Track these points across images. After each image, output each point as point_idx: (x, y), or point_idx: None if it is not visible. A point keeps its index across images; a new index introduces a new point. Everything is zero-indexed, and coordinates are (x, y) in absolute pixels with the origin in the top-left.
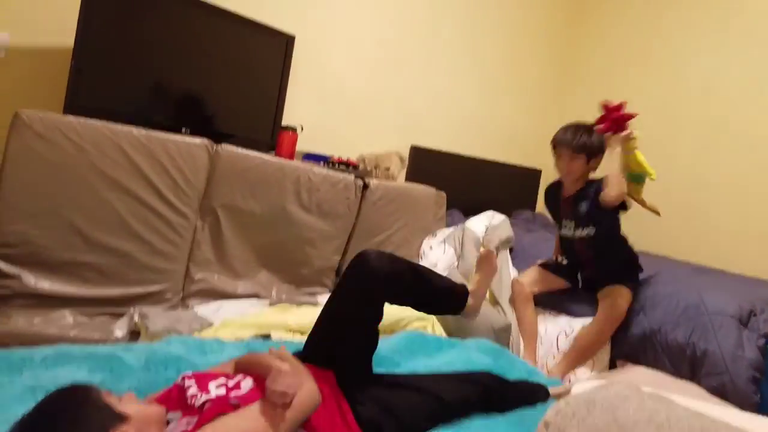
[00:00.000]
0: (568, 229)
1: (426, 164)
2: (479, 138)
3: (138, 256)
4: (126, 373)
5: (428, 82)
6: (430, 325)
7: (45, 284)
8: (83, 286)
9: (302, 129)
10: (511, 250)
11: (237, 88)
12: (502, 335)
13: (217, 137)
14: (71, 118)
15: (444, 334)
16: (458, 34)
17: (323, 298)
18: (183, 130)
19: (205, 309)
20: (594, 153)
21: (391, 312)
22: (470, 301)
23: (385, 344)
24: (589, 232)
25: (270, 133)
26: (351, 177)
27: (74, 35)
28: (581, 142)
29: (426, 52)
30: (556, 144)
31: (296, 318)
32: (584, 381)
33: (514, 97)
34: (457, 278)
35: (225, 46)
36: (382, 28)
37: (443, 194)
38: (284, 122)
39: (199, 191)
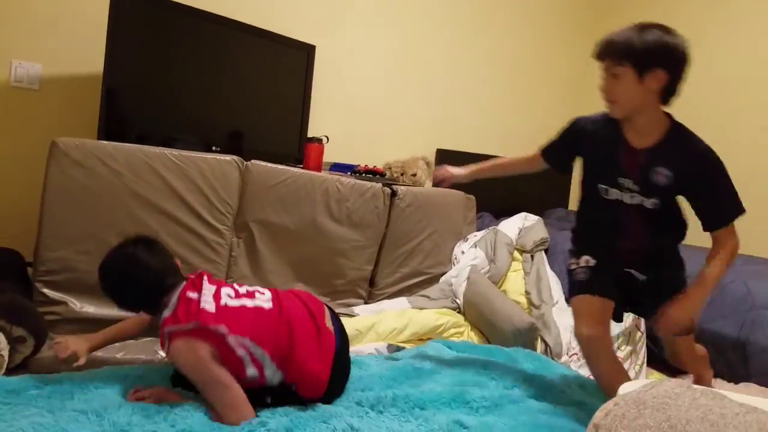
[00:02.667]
0: (621, 192)
1: (453, 166)
2: (506, 137)
3: None
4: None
5: (451, 83)
6: (466, 331)
7: (90, 308)
8: None
9: (328, 140)
10: (546, 251)
11: (262, 103)
12: (527, 336)
13: (246, 154)
14: (106, 144)
15: (476, 340)
16: (481, 31)
17: (359, 309)
18: (213, 148)
19: None
20: (649, 63)
21: (426, 320)
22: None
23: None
24: (655, 202)
25: (297, 145)
26: (379, 185)
27: (103, 62)
28: (630, 43)
29: (447, 52)
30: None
31: None
32: (632, 381)
33: (542, 93)
34: (484, 283)
35: (248, 61)
36: (400, 32)
37: (473, 197)
38: (309, 134)
39: (232, 208)
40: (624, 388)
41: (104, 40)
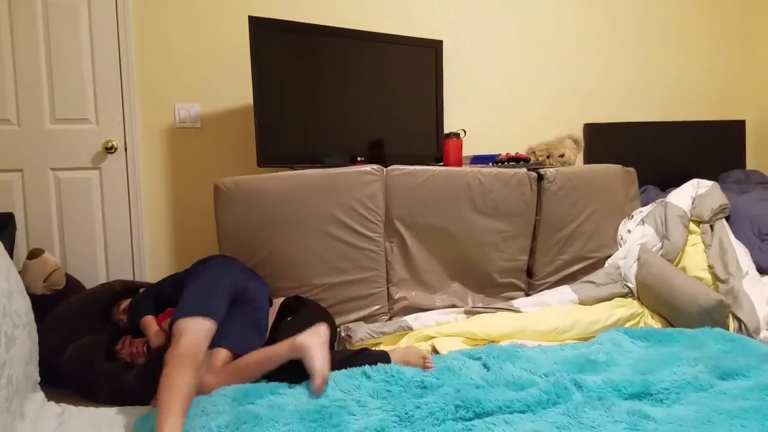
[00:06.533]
0: None
1: (605, 141)
2: (660, 100)
3: (344, 287)
4: None
5: (592, 52)
6: (642, 319)
7: None
8: None
9: (465, 133)
10: (727, 219)
11: (398, 107)
12: (716, 314)
13: (389, 159)
14: (260, 177)
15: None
16: None
17: (519, 303)
18: (358, 159)
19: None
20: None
21: (595, 318)
22: None
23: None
24: None
25: (435, 143)
26: (522, 171)
27: (252, 93)
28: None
29: (583, 19)
30: None
31: (481, 327)
32: None
33: (703, 45)
34: (658, 263)
35: (379, 68)
36: (527, 7)
37: (632, 170)
38: (446, 129)
39: (380, 215)
40: None
41: (250, 73)
